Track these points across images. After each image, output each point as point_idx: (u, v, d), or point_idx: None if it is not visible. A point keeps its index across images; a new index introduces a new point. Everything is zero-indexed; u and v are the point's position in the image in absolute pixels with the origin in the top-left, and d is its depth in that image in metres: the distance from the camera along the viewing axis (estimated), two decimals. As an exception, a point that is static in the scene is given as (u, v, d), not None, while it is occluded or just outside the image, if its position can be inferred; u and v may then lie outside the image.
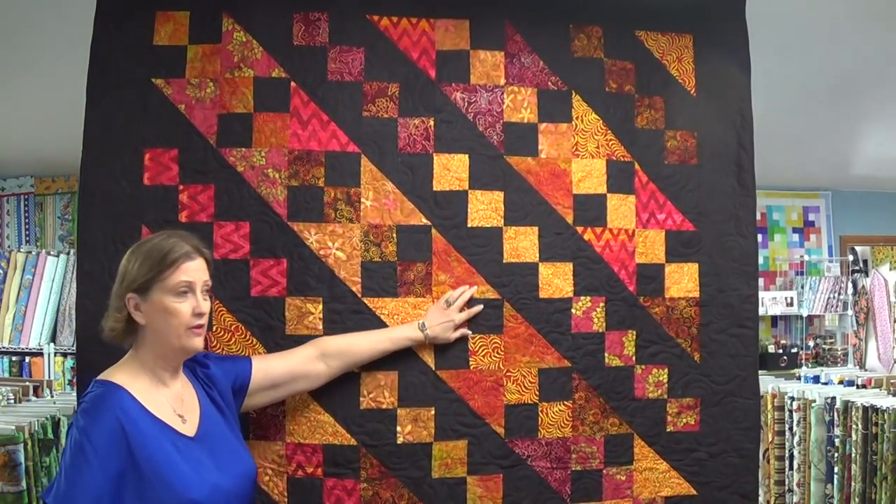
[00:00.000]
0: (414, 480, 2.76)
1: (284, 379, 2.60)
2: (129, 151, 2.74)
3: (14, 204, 7.18)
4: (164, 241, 2.27)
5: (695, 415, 2.96)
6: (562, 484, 2.85)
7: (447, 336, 2.77)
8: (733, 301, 3.02)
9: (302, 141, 2.78)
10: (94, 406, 2.14)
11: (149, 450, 2.13)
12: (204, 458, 2.23)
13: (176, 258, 2.23)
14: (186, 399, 2.34)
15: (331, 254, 2.76)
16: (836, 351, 7.66)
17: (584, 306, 2.88)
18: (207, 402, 2.39)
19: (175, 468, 2.15)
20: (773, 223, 8.64)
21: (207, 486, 2.18)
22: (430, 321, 2.76)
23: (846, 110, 6.01)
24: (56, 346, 6.11)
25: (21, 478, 2.75)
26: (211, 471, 2.22)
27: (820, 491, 3.73)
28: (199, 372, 2.44)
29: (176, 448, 2.19)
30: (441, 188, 2.83)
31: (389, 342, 2.73)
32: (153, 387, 2.26)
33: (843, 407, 3.60)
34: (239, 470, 2.33)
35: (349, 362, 2.69)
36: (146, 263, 2.23)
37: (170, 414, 2.25)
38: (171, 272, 2.22)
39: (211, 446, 2.28)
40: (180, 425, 2.25)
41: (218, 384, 2.45)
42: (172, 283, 2.22)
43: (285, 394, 2.65)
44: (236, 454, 2.37)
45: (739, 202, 3.06)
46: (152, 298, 2.22)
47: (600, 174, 2.93)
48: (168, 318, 2.23)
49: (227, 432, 2.40)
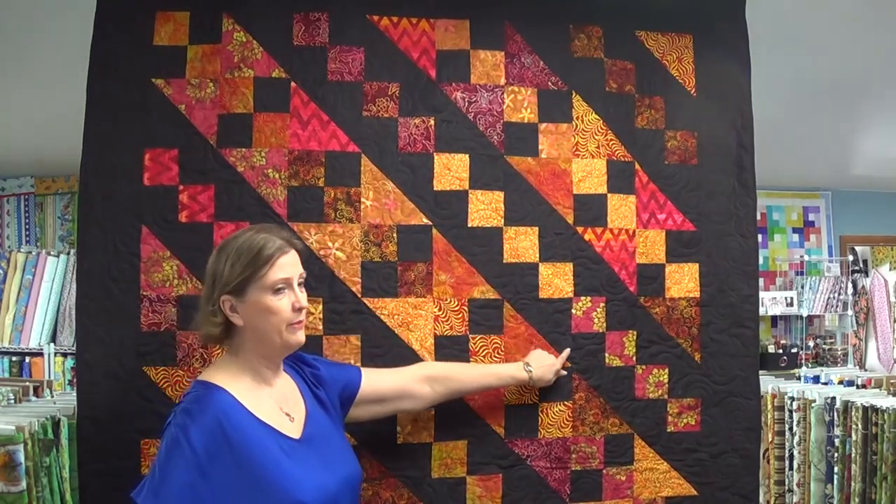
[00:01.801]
0: (413, 480, 2.76)
1: (391, 395, 2.59)
2: (130, 151, 2.74)
3: (14, 204, 7.17)
4: (255, 237, 2.22)
5: (695, 415, 2.96)
6: (561, 484, 2.85)
7: (549, 378, 2.80)
8: (734, 301, 3.02)
9: (302, 141, 2.78)
10: (195, 406, 2.11)
11: (253, 451, 2.10)
12: (310, 459, 2.20)
13: (270, 255, 2.19)
14: (290, 397, 2.31)
15: (331, 254, 2.76)
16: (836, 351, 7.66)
17: (585, 306, 2.88)
18: (313, 400, 2.37)
19: (281, 470, 2.12)
20: (773, 223, 8.64)
21: (314, 486, 2.14)
22: (535, 362, 2.78)
23: (846, 110, 6.00)
24: (56, 347, 6.11)
25: (21, 478, 2.74)
26: (318, 471, 2.19)
27: (820, 491, 3.73)
28: (306, 371, 2.42)
29: (281, 449, 2.15)
30: (441, 188, 2.83)
31: (495, 378, 2.76)
32: (256, 387, 2.23)
33: (843, 407, 3.59)
34: (345, 471, 2.29)
35: (453, 389, 2.69)
36: (239, 263, 2.19)
37: (275, 414, 2.22)
38: (267, 270, 2.19)
39: (317, 446, 2.25)
40: (286, 425, 2.22)
41: (326, 386, 2.43)
42: (270, 282, 2.19)
43: (390, 411, 2.63)
44: (342, 454, 2.34)
45: (740, 202, 3.06)
46: (249, 299, 2.19)
47: (601, 174, 2.93)
48: (268, 317, 2.20)
49: (333, 432, 2.37)
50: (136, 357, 2.58)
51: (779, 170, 7.44)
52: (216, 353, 2.63)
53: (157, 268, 2.69)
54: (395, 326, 2.78)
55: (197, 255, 2.67)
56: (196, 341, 2.67)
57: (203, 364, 2.65)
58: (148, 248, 2.70)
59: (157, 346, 2.68)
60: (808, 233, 8.74)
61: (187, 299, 2.68)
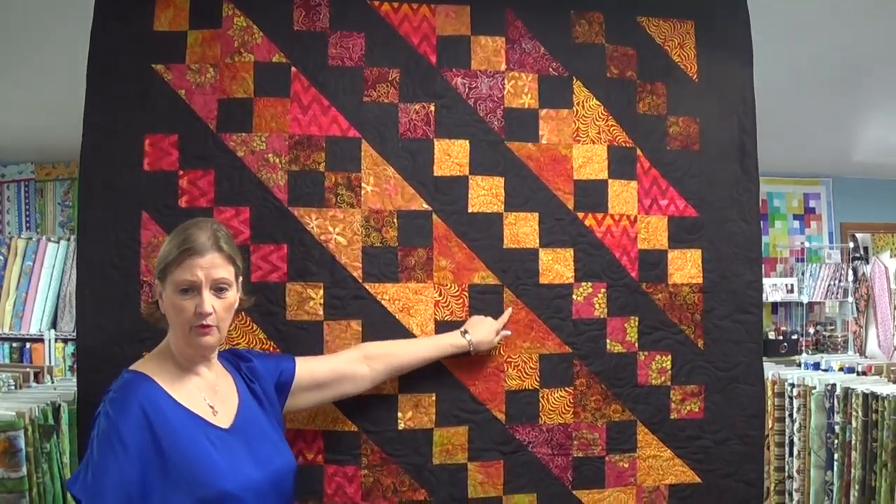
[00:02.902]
0: (415, 467, 2.76)
1: (328, 379, 2.57)
2: (130, 137, 2.73)
3: (14, 190, 7.17)
4: (184, 232, 2.22)
5: (699, 402, 2.96)
6: (563, 471, 2.85)
7: (491, 340, 2.77)
8: (737, 287, 3.01)
9: (302, 126, 2.78)
10: (119, 395, 2.12)
11: (177, 439, 2.10)
12: (238, 450, 2.19)
13: (179, 253, 2.18)
14: (222, 390, 2.31)
15: (331, 239, 2.75)
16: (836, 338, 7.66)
17: (585, 292, 2.88)
18: (248, 394, 2.36)
19: (206, 458, 2.11)
20: (774, 210, 8.63)
21: (240, 477, 2.14)
22: (472, 328, 2.76)
23: (848, 98, 6.00)
24: (57, 333, 6.11)
25: (21, 464, 2.74)
26: (245, 463, 2.18)
27: (820, 477, 3.73)
28: (241, 366, 2.41)
29: (207, 438, 2.15)
30: (442, 173, 2.82)
31: (434, 349, 2.73)
32: (183, 376, 2.23)
33: (843, 394, 3.59)
34: (275, 465, 2.28)
35: (393, 365, 2.68)
36: (164, 251, 2.22)
37: (200, 404, 2.22)
38: (175, 267, 2.18)
39: (247, 439, 2.24)
40: (212, 416, 2.21)
41: (261, 379, 2.42)
42: (175, 281, 2.18)
43: (330, 396, 2.61)
44: (274, 448, 2.32)
45: (742, 188, 3.05)
46: (166, 290, 2.20)
47: (601, 160, 2.92)
48: (173, 314, 2.21)
49: (266, 426, 2.36)
50: (137, 343, 2.57)
51: (780, 157, 7.43)
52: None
53: (158, 253, 2.68)
54: (395, 311, 2.78)
55: (197, 241, 2.66)
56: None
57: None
58: (148, 234, 2.69)
59: (157, 331, 2.67)
60: (808, 219, 8.73)
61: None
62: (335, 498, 2.72)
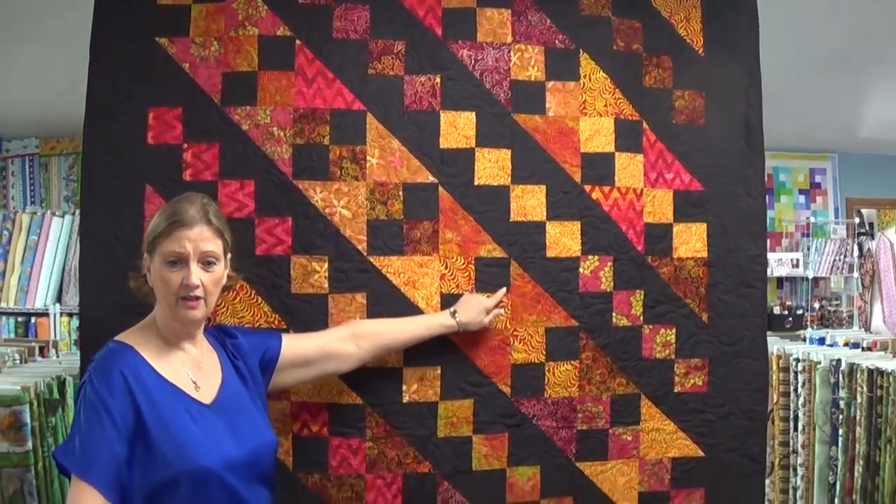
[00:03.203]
0: (419, 439, 2.76)
1: (315, 356, 2.57)
2: (133, 110, 2.73)
3: (19, 165, 7.16)
4: (175, 203, 2.24)
5: (702, 375, 2.96)
6: (567, 443, 2.86)
7: (480, 321, 2.76)
8: (741, 261, 3.01)
9: (307, 99, 2.76)
10: (102, 365, 2.13)
11: (158, 411, 2.10)
12: (219, 427, 2.20)
13: (168, 224, 2.19)
14: (206, 366, 2.31)
15: (336, 212, 2.74)
16: (841, 313, 7.66)
17: (592, 265, 2.87)
18: (231, 371, 2.36)
19: (185, 432, 2.12)
20: (780, 184, 8.61)
21: (220, 453, 2.15)
22: (462, 308, 2.76)
23: (854, 74, 5.98)
24: (62, 307, 6.11)
25: (27, 438, 2.75)
26: (225, 439, 2.18)
27: (824, 453, 3.74)
28: (227, 342, 2.41)
29: (188, 412, 2.16)
30: (448, 146, 2.81)
31: (424, 328, 2.72)
32: (167, 350, 2.24)
33: (848, 369, 3.59)
34: (256, 442, 2.28)
35: (381, 344, 2.67)
36: (153, 224, 2.22)
37: (183, 378, 2.22)
38: (164, 239, 2.18)
39: (228, 415, 2.25)
40: (194, 391, 2.22)
41: (245, 356, 2.42)
42: (163, 252, 2.19)
43: (316, 374, 2.61)
44: (255, 426, 2.32)
45: (748, 162, 3.05)
46: (154, 262, 2.21)
47: (608, 133, 2.91)
48: (160, 286, 2.21)
49: (249, 403, 2.36)
50: (139, 316, 2.54)
51: (786, 131, 7.42)
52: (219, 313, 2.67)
53: None
54: (400, 285, 2.77)
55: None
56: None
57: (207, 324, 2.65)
58: (152, 207, 2.68)
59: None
60: (814, 194, 8.71)
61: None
62: (340, 470, 2.73)
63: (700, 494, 2.97)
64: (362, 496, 2.74)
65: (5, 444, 2.72)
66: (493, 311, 2.79)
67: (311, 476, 2.74)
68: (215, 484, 2.13)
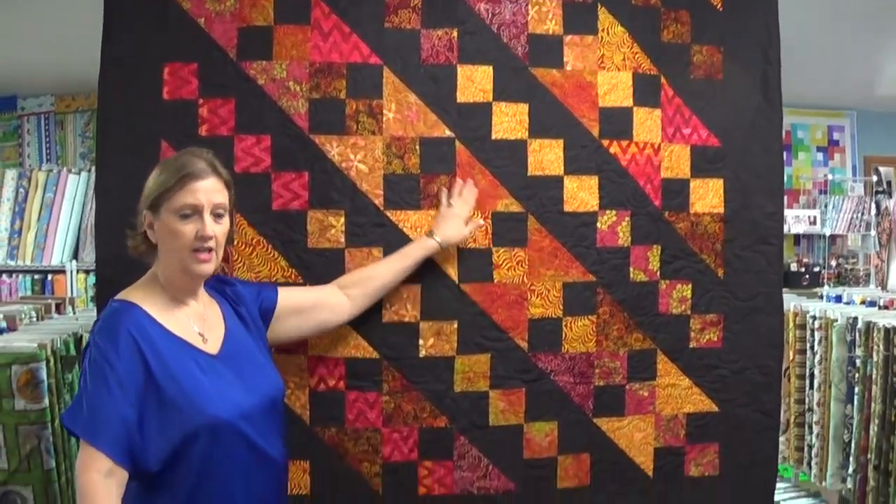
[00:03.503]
0: (436, 393, 2.77)
1: (309, 305, 2.58)
2: (148, 66, 2.72)
3: (34, 123, 7.17)
4: (181, 157, 2.24)
5: (718, 331, 2.96)
6: (584, 399, 2.86)
7: (460, 233, 2.74)
8: (758, 218, 3.00)
9: (323, 53, 2.75)
10: (107, 325, 2.13)
11: (167, 366, 2.11)
12: (228, 376, 2.22)
13: (182, 177, 2.18)
14: (209, 318, 2.32)
15: (353, 166, 2.74)
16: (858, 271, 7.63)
17: (610, 220, 2.86)
18: (234, 319, 2.38)
19: (196, 384, 2.13)
20: (798, 141, 8.57)
21: (231, 402, 2.16)
22: (439, 226, 2.73)
23: (873, 31, 5.93)
24: (78, 264, 6.12)
25: (44, 395, 2.76)
26: (235, 388, 2.21)
27: (840, 411, 3.73)
28: (226, 290, 2.43)
29: (197, 365, 2.17)
30: (465, 100, 2.79)
31: (407, 259, 2.70)
32: (171, 305, 2.24)
33: (864, 327, 3.58)
34: (265, 388, 2.30)
35: (370, 288, 2.67)
36: (158, 180, 2.20)
37: (190, 332, 2.23)
38: (177, 191, 2.17)
39: (236, 364, 2.27)
40: (201, 343, 2.23)
41: (246, 303, 2.44)
42: (177, 205, 2.17)
43: (311, 325, 2.61)
44: (262, 372, 2.34)
45: (765, 118, 3.03)
46: (161, 217, 2.19)
47: (626, 87, 2.88)
48: (172, 240, 2.19)
49: (254, 349, 2.38)
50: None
51: (804, 88, 7.37)
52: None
53: None
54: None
55: (218, 169, 2.66)
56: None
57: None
58: None
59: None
60: (832, 152, 8.66)
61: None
62: (356, 424, 2.75)
63: (714, 449, 2.98)
64: (379, 450, 2.76)
65: (22, 401, 2.73)
66: (473, 222, 2.77)
67: (327, 430, 2.75)
68: (233, 437, 2.15)
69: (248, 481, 2.21)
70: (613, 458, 2.91)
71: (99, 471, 1.99)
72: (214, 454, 2.13)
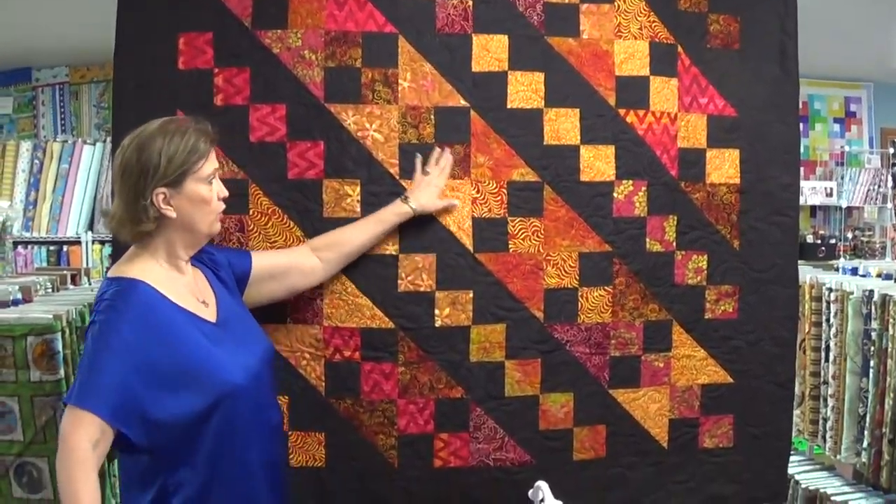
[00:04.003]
0: (452, 364, 2.77)
1: (282, 270, 2.61)
2: (163, 36, 2.72)
3: (49, 94, 7.16)
4: (183, 129, 2.24)
5: (733, 302, 2.96)
6: (600, 370, 2.87)
7: (434, 203, 2.74)
8: (774, 189, 3.00)
9: (338, 22, 2.73)
10: (118, 301, 2.13)
11: (181, 338, 2.15)
12: (228, 341, 2.26)
13: (208, 147, 2.25)
14: (201, 286, 2.36)
15: (368, 135, 2.73)
16: (874, 244, 7.60)
17: (626, 190, 2.85)
18: (219, 285, 2.42)
19: (208, 354, 2.18)
20: (815, 112, 8.51)
21: (241, 368, 2.22)
22: (414, 191, 2.72)
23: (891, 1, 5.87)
24: (94, 235, 6.12)
25: (59, 366, 2.76)
26: (239, 351, 2.26)
27: (855, 384, 3.71)
28: (204, 258, 2.44)
29: (205, 335, 2.21)
30: (480, 69, 2.78)
31: (381, 224, 2.70)
32: (171, 276, 2.26)
33: (880, 300, 3.56)
34: (260, 348, 2.38)
35: (342, 252, 2.67)
36: (179, 156, 2.19)
37: (192, 301, 2.27)
38: (205, 162, 2.24)
39: (232, 329, 2.32)
40: (203, 311, 2.27)
41: (223, 268, 2.48)
42: (206, 173, 2.25)
43: (284, 288, 2.63)
44: (255, 332, 2.42)
45: (782, 89, 3.02)
46: (186, 190, 2.21)
47: (643, 56, 2.87)
48: (202, 207, 2.25)
49: (242, 312, 2.44)
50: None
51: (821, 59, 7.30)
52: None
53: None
54: (433, 209, 2.77)
55: (233, 139, 2.68)
56: (232, 225, 2.70)
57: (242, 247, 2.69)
58: None
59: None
60: (849, 123, 8.60)
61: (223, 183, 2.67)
62: (372, 395, 2.76)
63: (729, 421, 2.99)
64: (394, 421, 2.77)
65: (38, 372, 2.74)
66: (448, 199, 2.77)
67: (343, 401, 2.76)
68: (247, 401, 2.21)
69: (260, 443, 2.28)
70: (629, 430, 2.92)
71: (84, 437, 2.01)
72: (231, 421, 2.17)
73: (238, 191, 2.66)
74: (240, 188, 2.68)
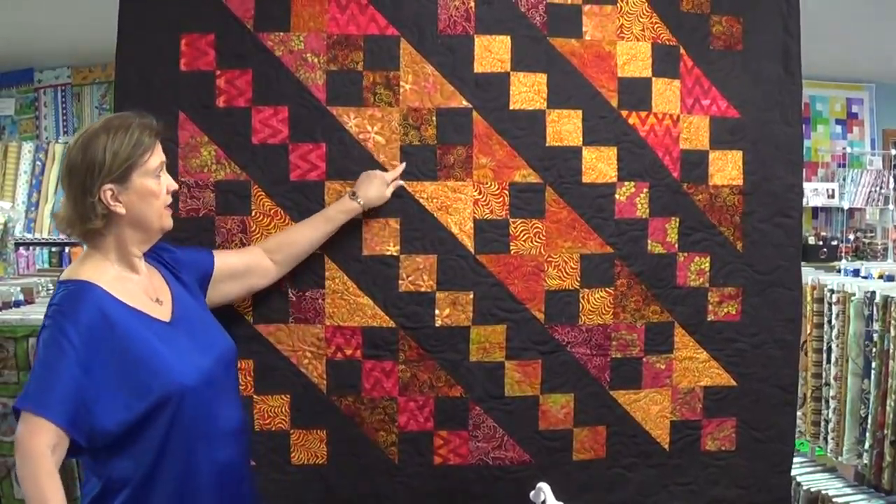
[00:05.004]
0: (452, 363, 2.78)
1: (241, 270, 2.61)
2: (166, 37, 2.73)
3: (51, 95, 7.18)
4: (128, 124, 2.22)
5: (736, 304, 2.95)
6: (601, 371, 2.86)
7: (382, 195, 2.72)
8: (777, 190, 2.98)
9: (340, 25, 2.74)
10: (67, 304, 2.12)
11: (131, 340, 2.14)
12: (182, 341, 2.25)
13: (152, 140, 2.23)
14: (156, 285, 2.34)
15: (370, 138, 2.74)
16: (876, 245, 7.60)
17: (628, 192, 2.85)
18: (177, 284, 2.41)
19: (159, 355, 2.17)
20: (816, 114, 8.52)
21: (192, 368, 2.21)
22: (361, 186, 2.71)
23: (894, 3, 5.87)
24: (95, 237, 6.15)
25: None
26: (192, 352, 2.25)
27: (857, 385, 3.71)
28: (165, 257, 2.43)
29: (155, 335, 2.20)
30: (482, 70, 2.78)
31: (327, 221, 2.69)
32: (123, 277, 2.25)
33: (882, 302, 3.56)
34: (219, 347, 2.36)
35: (292, 253, 2.67)
36: (123, 150, 2.17)
37: (144, 301, 2.25)
38: (151, 155, 2.22)
39: (188, 328, 2.30)
40: (156, 310, 2.26)
41: (185, 268, 2.46)
42: (153, 166, 2.23)
43: (242, 289, 2.64)
44: (213, 332, 2.40)
45: (785, 90, 3.00)
46: (133, 184, 2.19)
47: (645, 57, 2.87)
48: (151, 201, 2.23)
49: (201, 312, 2.43)
50: (175, 243, 2.58)
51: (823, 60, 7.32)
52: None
53: (195, 153, 2.70)
54: (433, 210, 2.77)
55: (235, 140, 2.70)
56: (235, 227, 2.72)
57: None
58: (185, 134, 2.71)
59: (195, 231, 2.71)
60: (851, 124, 8.61)
61: (225, 184, 2.71)
62: (373, 393, 2.78)
63: (731, 424, 2.98)
64: (395, 419, 2.78)
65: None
66: (395, 183, 2.76)
67: (344, 399, 2.78)
68: (196, 402, 2.20)
69: (209, 444, 2.25)
70: (630, 431, 2.91)
71: (43, 443, 2.00)
72: (178, 421, 2.17)
73: (241, 192, 2.70)
74: (242, 189, 2.70)
